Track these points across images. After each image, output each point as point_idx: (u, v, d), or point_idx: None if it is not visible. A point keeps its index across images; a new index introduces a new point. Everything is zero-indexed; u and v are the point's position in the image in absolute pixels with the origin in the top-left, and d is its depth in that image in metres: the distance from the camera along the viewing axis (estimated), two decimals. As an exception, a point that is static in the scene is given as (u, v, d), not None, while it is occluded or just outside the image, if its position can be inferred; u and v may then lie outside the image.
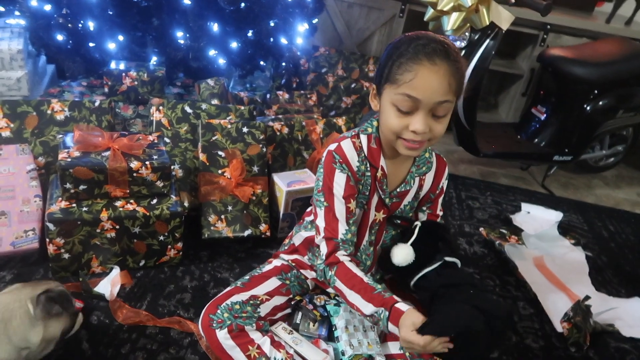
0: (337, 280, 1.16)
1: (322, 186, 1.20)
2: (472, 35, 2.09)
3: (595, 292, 1.81)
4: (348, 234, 1.20)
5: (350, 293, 1.14)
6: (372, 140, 1.22)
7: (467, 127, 2.29)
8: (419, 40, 1.08)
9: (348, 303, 1.16)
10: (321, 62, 2.69)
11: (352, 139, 1.21)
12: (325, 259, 1.19)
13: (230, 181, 1.70)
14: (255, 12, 2.26)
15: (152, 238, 1.54)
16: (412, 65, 1.06)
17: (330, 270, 1.18)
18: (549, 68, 2.49)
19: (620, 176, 2.92)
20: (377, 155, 1.22)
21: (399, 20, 2.92)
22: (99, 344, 1.30)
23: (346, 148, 1.20)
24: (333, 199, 1.19)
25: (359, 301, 1.13)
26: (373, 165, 1.22)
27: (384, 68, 1.12)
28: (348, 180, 1.19)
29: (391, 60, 1.10)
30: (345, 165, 1.19)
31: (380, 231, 1.32)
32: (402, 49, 1.09)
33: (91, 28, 2.13)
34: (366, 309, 1.12)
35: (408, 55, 1.07)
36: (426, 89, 1.06)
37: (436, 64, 1.05)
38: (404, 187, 1.27)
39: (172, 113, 1.81)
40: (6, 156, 1.57)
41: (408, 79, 1.06)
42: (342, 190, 1.19)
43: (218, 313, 1.20)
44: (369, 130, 1.23)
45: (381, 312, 1.09)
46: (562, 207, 2.34)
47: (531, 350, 1.53)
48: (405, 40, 1.11)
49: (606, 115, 2.42)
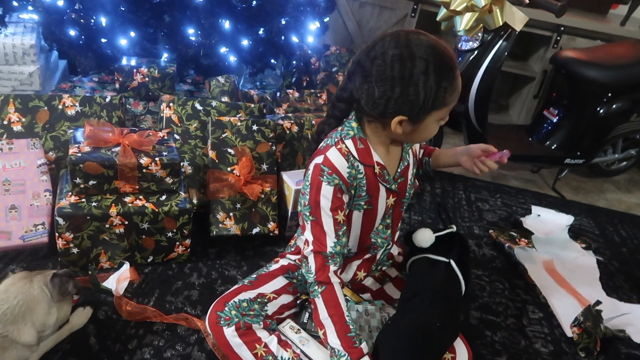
0: (320, 299, 1.16)
1: (309, 200, 1.17)
2: (484, 35, 2.07)
3: (606, 297, 1.79)
4: (337, 247, 1.17)
5: (326, 317, 1.15)
6: (358, 141, 1.19)
7: (478, 129, 2.27)
8: (444, 58, 1.07)
9: (316, 321, 1.18)
10: (332, 61, 2.68)
11: (336, 146, 1.17)
12: (316, 274, 1.17)
13: (239, 179, 1.70)
14: (267, 10, 2.26)
15: (160, 234, 1.54)
16: (453, 82, 1.09)
17: (318, 287, 1.17)
18: (562, 70, 2.46)
19: (633, 180, 2.88)
20: (368, 154, 1.20)
21: (410, 20, 2.90)
22: (107, 339, 1.30)
23: (333, 157, 1.16)
24: (320, 213, 1.16)
25: (330, 330, 1.14)
26: (367, 165, 1.20)
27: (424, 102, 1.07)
28: (336, 192, 1.15)
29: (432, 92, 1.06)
30: (335, 175, 1.15)
31: (395, 213, 1.32)
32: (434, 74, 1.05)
33: (103, 24, 2.14)
34: (332, 341, 1.14)
35: (448, 78, 1.07)
36: (459, 92, 1.14)
37: (455, 67, 1.10)
38: (402, 165, 1.27)
39: (182, 110, 1.81)
40: (17, 150, 1.58)
41: (454, 96, 1.11)
42: (329, 203, 1.15)
43: (226, 310, 1.20)
44: (351, 133, 1.19)
45: (343, 355, 1.12)
46: (573, 211, 2.31)
47: (540, 354, 1.51)
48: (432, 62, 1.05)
49: (619, 118, 2.39)
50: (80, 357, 1.25)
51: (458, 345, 1.24)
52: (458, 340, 1.25)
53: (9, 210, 1.50)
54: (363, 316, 1.28)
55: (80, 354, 1.26)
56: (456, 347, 1.23)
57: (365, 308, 1.30)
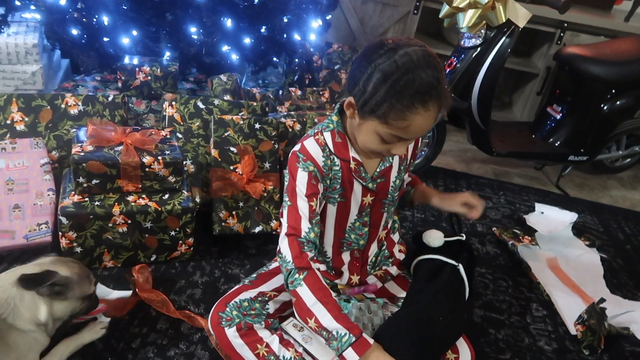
0: (304, 286, 1.12)
1: (288, 185, 1.20)
2: (487, 32, 2.06)
3: (610, 295, 1.78)
4: (311, 233, 1.17)
5: (315, 302, 1.10)
6: (337, 135, 1.20)
7: (481, 126, 2.27)
8: (413, 79, 1.00)
9: (304, 312, 1.11)
10: (334, 59, 2.68)
11: (314, 137, 1.20)
12: (294, 261, 1.14)
13: (242, 177, 1.70)
14: (269, 7, 2.25)
15: (163, 233, 1.54)
16: (407, 114, 1.02)
17: (299, 274, 1.12)
18: (565, 67, 2.45)
19: (637, 177, 2.87)
20: (345, 148, 1.21)
21: (413, 17, 2.89)
22: (110, 338, 1.31)
23: (309, 146, 1.19)
24: (296, 198, 1.17)
25: (322, 313, 1.09)
26: (343, 159, 1.21)
27: (370, 97, 1.05)
28: (310, 179, 1.17)
29: (379, 96, 1.03)
30: (310, 161, 1.17)
31: (374, 212, 1.30)
32: (393, 87, 1.01)
33: (105, 23, 2.14)
34: (329, 323, 1.08)
35: (403, 102, 1.01)
36: (417, 132, 1.08)
37: (429, 110, 1.03)
38: (383, 165, 1.26)
39: (184, 108, 1.81)
40: (20, 150, 1.58)
41: (402, 126, 1.05)
42: (304, 188, 1.17)
43: (227, 311, 1.20)
44: (331, 126, 1.21)
45: (344, 334, 1.07)
46: (576, 208, 2.30)
47: (544, 352, 1.51)
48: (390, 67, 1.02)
49: (623, 115, 2.38)
50: (84, 356, 1.25)
51: (461, 345, 1.24)
52: (461, 340, 1.25)
53: (13, 210, 1.50)
54: (366, 314, 1.28)
55: (84, 352, 1.26)
56: (459, 347, 1.24)
57: (367, 305, 1.30)
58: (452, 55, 2.19)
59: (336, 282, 1.38)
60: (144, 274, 1.47)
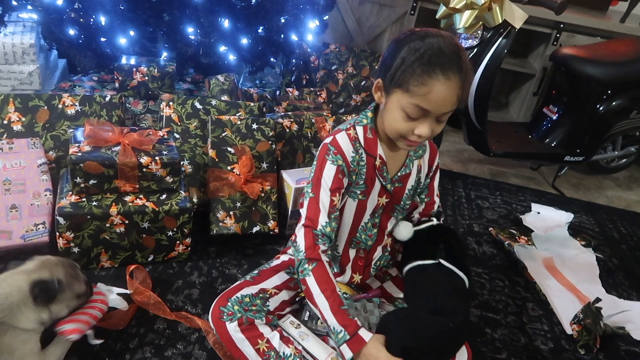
0: (311, 276, 1.14)
1: (313, 177, 1.22)
2: (484, 33, 2.07)
3: (606, 295, 1.79)
4: (327, 227, 1.19)
5: (319, 294, 1.13)
6: (368, 130, 1.23)
7: (477, 127, 2.28)
8: (433, 50, 1.06)
9: (312, 301, 1.15)
10: (331, 59, 2.68)
11: (347, 131, 1.23)
12: (306, 251, 1.17)
13: (239, 177, 1.70)
14: (266, 8, 2.26)
15: (161, 233, 1.54)
16: (427, 79, 1.06)
17: (309, 265, 1.15)
18: (561, 67, 2.46)
19: (633, 177, 2.89)
20: (374, 144, 1.23)
21: (410, 18, 2.90)
22: (108, 338, 1.30)
23: (341, 140, 1.21)
24: (319, 190, 1.19)
25: (324, 306, 1.12)
26: (370, 155, 1.23)
27: (396, 70, 1.10)
28: (337, 173, 1.19)
29: (404, 66, 1.08)
30: (340, 155, 1.20)
31: (385, 215, 1.32)
32: (416, 56, 1.07)
33: (102, 23, 2.14)
34: (329, 318, 1.11)
35: (423, 68, 1.06)
36: (438, 102, 1.08)
37: (450, 79, 1.06)
38: (404, 171, 1.29)
39: (182, 109, 1.81)
40: (17, 150, 1.58)
41: (422, 93, 1.07)
42: (330, 182, 1.19)
43: (228, 305, 1.21)
44: (364, 121, 1.24)
45: (340, 331, 1.09)
46: (572, 208, 2.32)
47: (540, 352, 1.51)
48: (418, 44, 1.08)
49: (619, 115, 2.39)
50: (81, 356, 1.25)
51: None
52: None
53: (10, 210, 1.50)
54: (362, 313, 1.29)
55: (81, 352, 1.26)
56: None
57: (363, 305, 1.31)
58: (448, 56, 2.19)
59: (338, 280, 1.38)
60: (140, 276, 1.47)
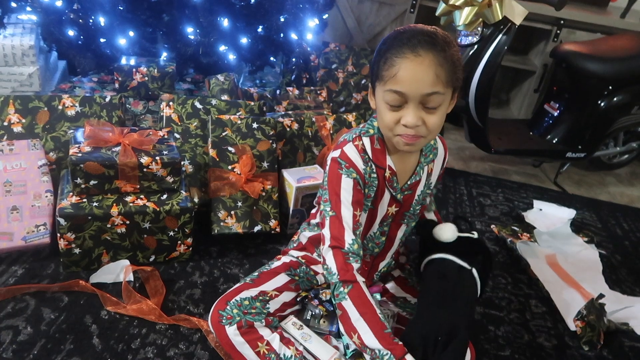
0: (348, 300, 1.09)
1: (329, 195, 1.17)
2: (484, 30, 2.06)
3: (609, 291, 1.79)
4: (355, 245, 1.14)
5: (358, 319, 1.09)
6: (375, 141, 1.19)
7: (478, 124, 2.27)
8: (404, 34, 1.06)
9: (347, 326, 1.11)
10: (331, 58, 2.68)
11: (353, 142, 1.18)
12: (339, 273, 1.12)
13: (240, 177, 1.69)
14: (266, 7, 2.25)
15: (162, 233, 1.54)
16: (394, 59, 1.04)
17: (344, 287, 1.11)
18: (562, 64, 2.45)
19: (635, 173, 2.88)
20: (382, 155, 1.20)
21: (410, 16, 2.89)
22: (110, 339, 1.30)
23: (350, 153, 1.17)
24: (340, 207, 1.15)
25: (364, 330, 1.08)
26: (380, 167, 1.20)
27: (373, 66, 1.11)
28: (355, 185, 1.16)
29: (378, 57, 1.09)
30: (352, 169, 1.16)
31: (394, 223, 1.30)
32: (387, 45, 1.07)
33: (102, 24, 2.14)
34: (370, 342, 1.07)
35: (392, 51, 1.05)
36: (411, 81, 1.04)
37: (420, 55, 1.02)
38: (414, 179, 1.25)
39: (182, 109, 1.81)
40: (18, 151, 1.58)
41: (392, 74, 1.04)
42: (350, 196, 1.15)
43: (227, 309, 1.20)
44: (371, 131, 1.20)
45: (386, 354, 1.05)
46: (575, 205, 2.31)
47: (544, 349, 1.51)
48: (391, 35, 1.09)
49: (620, 111, 2.38)
50: (83, 357, 1.25)
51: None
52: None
53: (11, 212, 1.50)
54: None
55: (83, 353, 1.26)
56: None
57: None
58: (449, 53, 2.19)
59: None
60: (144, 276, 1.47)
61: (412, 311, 1.34)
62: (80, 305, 1.39)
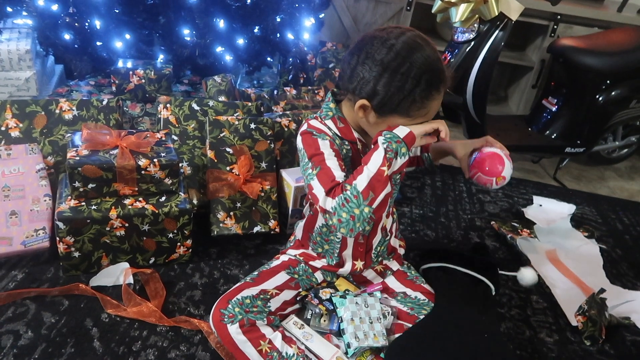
0: (355, 183, 1.10)
1: (310, 159, 1.18)
2: (480, 26, 2.06)
3: (610, 285, 1.78)
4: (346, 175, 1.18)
5: (367, 168, 1.11)
6: (338, 121, 1.24)
7: (477, 121, 2.27)
8: (423, 67, 1.08)
9: (380, 175, 1.11)
10: (328, 58, 2.67)
11: (316, 119, 1.24)
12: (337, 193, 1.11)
13: (239, 178, 1.69)
14: (261, 7, 2.25)
15: (161, 235, 1.54)
16: (427, 102, 1.12)
17: (346, 190, 1.10)
18: (559, 59, 2.45)
19: (634, 167, 2.87)
20: (349, 131, 1.25)
21: (406, 14, 2.89)
22: (110, 342, 1.30)
23: (316, 124, 1.22)
24: (324, 160, 1.17)
25: (376, 157, 1.12)
26: (351, 141, 1.24)
27: (389, 98, 1.10)
28: (332, 145, 1.20)
29: (401, 95, 1.10)
30: (323, 134, 1.20)
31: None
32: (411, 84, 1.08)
33: (98, 27, 2.13)
34: (380, 153, 1.12)
35: (422, 94, 1.10)
36: (434, 113, 1.18)
37: (441, 92, 1.14)
38: None
39: (179, 110, 1.81)
40: (16, 156, 1.58)
41: (423, 114, 1.15)
42: (330, 150, 1.19)
43: (229, 308, 1.20)
44: (330, 114, 1.25)
45: (385, 141, 1.12)
46: (574, 200, 2.31)
47: (545, 344, 1.51)
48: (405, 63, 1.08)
49: (619, 105, 2.38)
50: (84, 361, 1.25)
51: None
52: None
53: (9, 216, 1.50)
54: (363, 307, 1.29)
55: (84, 356, 1.26)
56: None
57: (364, 299, 1.30)
58: (445, 50, 2.19)
59: (339, 272, 1.38)
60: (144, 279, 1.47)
61: (413, 306, 1.35)
62: (80, 308, 1.39)
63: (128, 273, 1.46)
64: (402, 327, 1.30)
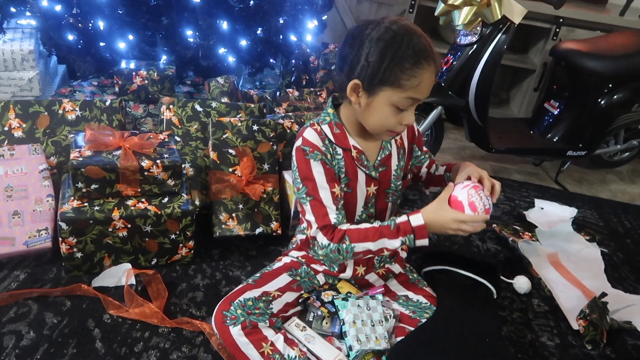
0: (354, 245, 1.17)
1: (302, 182, 1.22)
2: (483, 29, 2.06)
3: (612, 289, 1.78)
4: (340, 217, 1.20)
5: (373, 244, 1.17)
6: (334, 127, 1.25)
7: (478, 123, 2.27)
8: (412, 38, 1.09)
9: (378, 252, 1.19)
10: (331, 59, 2.67)
11: (312, 127, 1.25)
12: (334, 240, 1.18)
13: (241, 179, 1.70)
14: (265, 9, 2.26)
15: (163, 237, 1.54)
16: (417, 71, 1.10)
17: (343, 243, 1.17)
18: (562, 62, 2.45)
19: (636, 171, 2.87)
20: (344, 138, 1.25)
21: (409, 16, 2.89)
22: (112, 343, 1.30)
23: (309, 136, 1.23)
24: (317, 189, 1.20)
25: (386, 243, 1.17)
26: (344, 148, 1.24)
27: (378, 69, 1.11)
28: (324, 165, 1.21)
29: (391, 63, 1.10)
30: (316, 151, 1.21)
31: (379, 203, 1.33)
32: (401, 51, 1.09)
33: (101, 27, 2.14)
34: (396, 244, 1.17)
35: (411, 60, 1.09)
36: (428, 89, 1.14)
37: (432, 65, 1.11)
38: (383, 154, 1.30)
39: (182, 111, 1.81)
40: (19, 156, 1.58)
41: (415, 84, 1.11)
42: (322, 177, 1.20)
43: (231, 309, 1.20)
44: (327, 119, 1.26)
45: (405, 239, 1.17)
46: (576, 203, 2.31)
47: (546, 348, 1.51)
48: (397, 37, 1.10)
49: (621, 109, 2.38)
50: (86, 361, 1.25)
51: None
52: None
53: (12, 217, 1.50)
54: (365, 310, 1.29)
55: (86, 357, 1.26)
56: None
57: (366, 302, 1.30)
58: (448, 53, 2.19)
59: (340, 277, 1.38)
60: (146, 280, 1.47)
61: (415, 309, 1.35)
62: (82, 309, 1.39)
63: (130, 274, 1.47)
64: (404, 330, 1.30)
